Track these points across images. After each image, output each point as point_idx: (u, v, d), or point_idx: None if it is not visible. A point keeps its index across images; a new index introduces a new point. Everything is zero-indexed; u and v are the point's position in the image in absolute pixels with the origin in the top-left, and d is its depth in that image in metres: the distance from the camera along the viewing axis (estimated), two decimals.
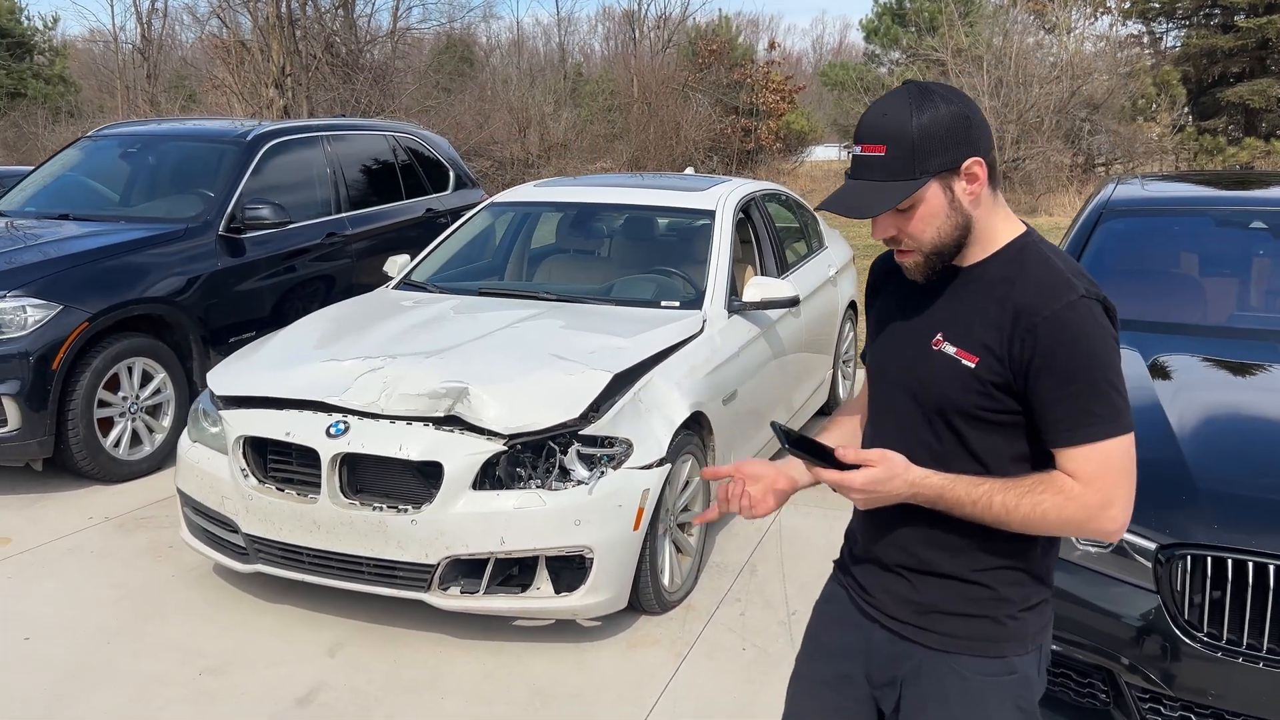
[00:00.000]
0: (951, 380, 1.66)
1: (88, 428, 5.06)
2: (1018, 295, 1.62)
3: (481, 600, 3.51)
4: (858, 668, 1.83)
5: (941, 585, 1.72)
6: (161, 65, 30.04)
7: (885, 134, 1.61)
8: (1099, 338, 1.57)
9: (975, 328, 1.65)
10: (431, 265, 5.32)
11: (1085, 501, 1.57)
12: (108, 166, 6.73)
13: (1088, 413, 1.57)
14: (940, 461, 1.67)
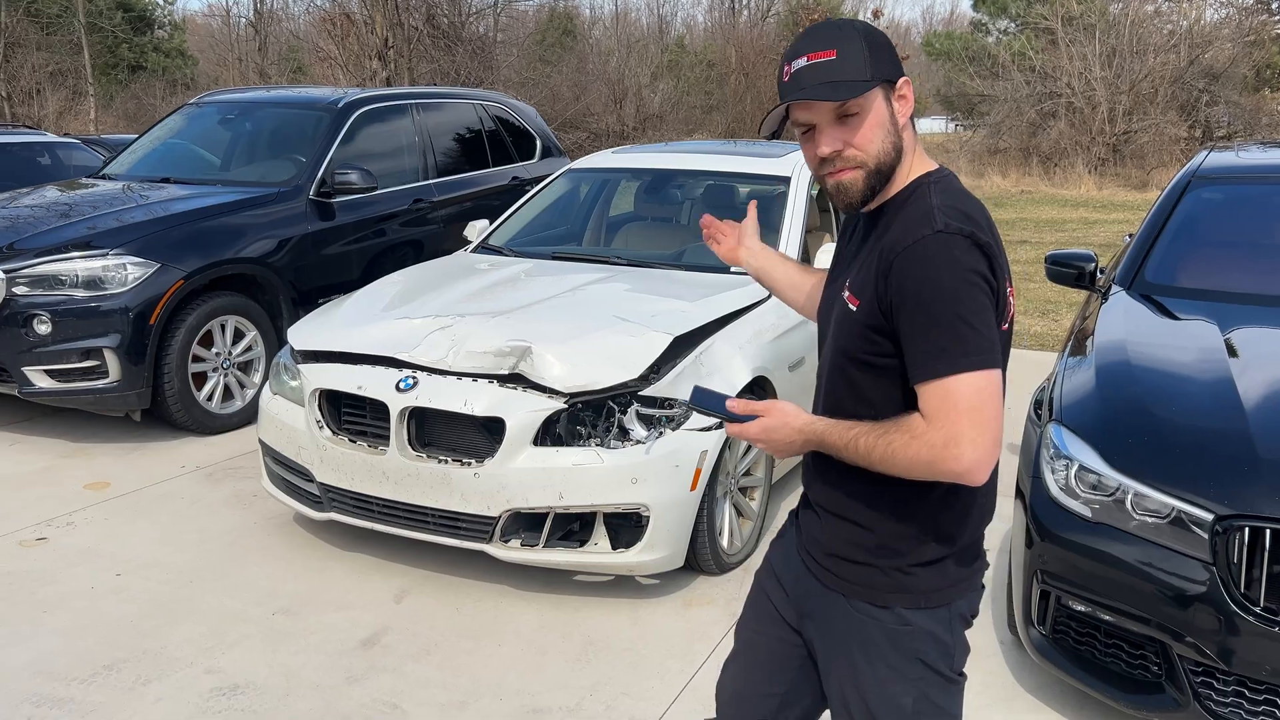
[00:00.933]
0: (843, 325, 1.67)
1: (183, 381, 5.31)
2: (889, 235, 1.61)
3: (540, 553, 3.60)
4: (780, 586, 1.88)
5: (839, 527, 1.74)
6: (272, 38, 30.93)
7: (834, 41, 1.61)
8: (949, 272, 1.52)
9: (862, 271, 1.65)
10: (509, 230, 5.41)
11: (929, 440, 1.53)
12: (208, 132, 7.00)
13: (934, 348, 1.53)
14: (843, 407, 1.68)
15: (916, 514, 1.67)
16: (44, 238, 5.27)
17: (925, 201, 1.61)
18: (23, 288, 5.07)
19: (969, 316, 1.52)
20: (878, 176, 1.64)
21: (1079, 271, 4.17)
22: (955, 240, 1.55)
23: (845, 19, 1.70)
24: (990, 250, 1.56)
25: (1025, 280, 10.23)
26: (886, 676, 1.71)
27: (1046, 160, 20.91)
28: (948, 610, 1.71)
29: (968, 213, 1.59)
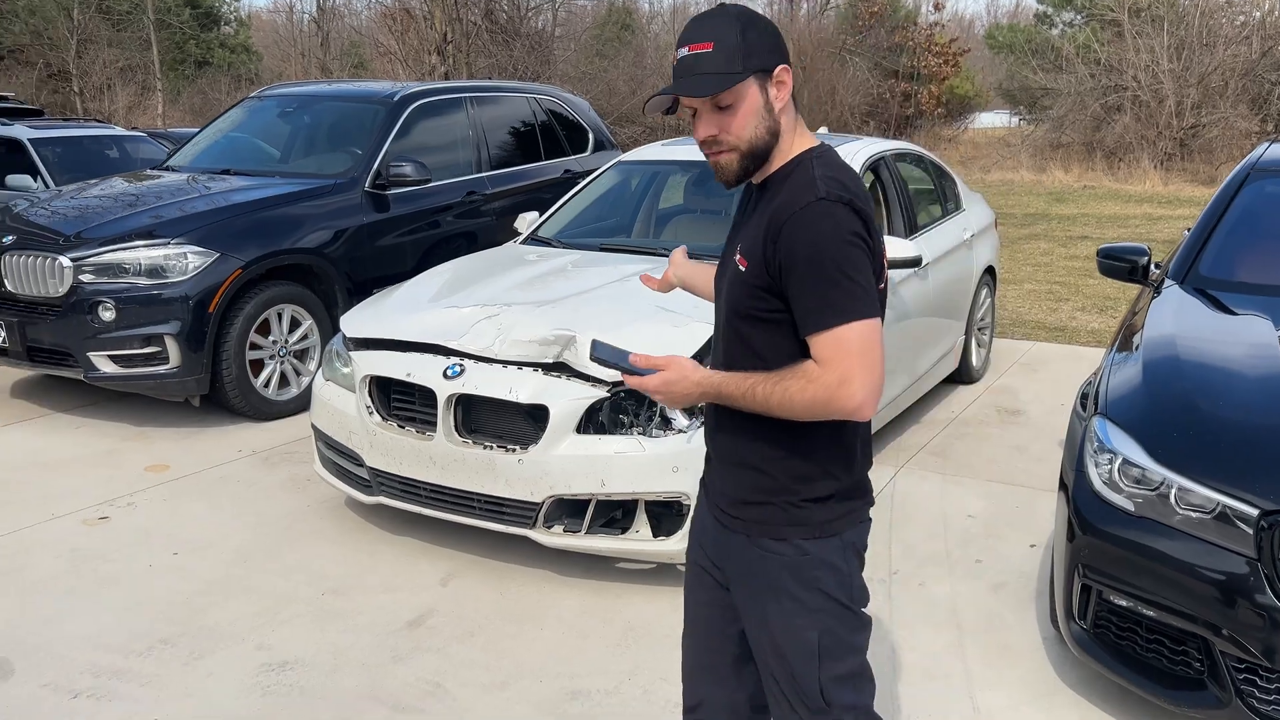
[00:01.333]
0: (735, 285, 1.83)
1: (240, 368, 5.44)
2: (775, 203, 1.77)
3: (583, 539, 3.64)
4: (702, 551, 2.03)
5: (740, 474, 1.90)
6: (334, 34, 31.40)
7: (712, 34, 1.77)
8: (832, 234, 1.69)
9: (752, 236, 1.80)
10: (558, 222, 5.46)
11: (825, 381, 1.69)
12: (268, 125, 7.15)
13: (824, 303, 1.69)
14: (735, 360, 1.85)
15: (806, 456, 1.83)
16: (109, 227, 5.44)
17: (808, 173, 1.76)
18: (89, 275, 5.24)
19: (852, 273, 1.69)
20: (751, 158, 1.81)
21: (1131, 265, 4.11)
22: (836, 206, 1.71)
23: (732, 6, 1.81)
24: (866, 215, 1.73)
25: (1084, 276, 10.07)
26: (791, 609, 1.86)
27: (1111, 155, 20.50)
28: (840, 540, 1.86)
29: (844, 182, 1.75)
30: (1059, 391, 6.28)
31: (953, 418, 5.82)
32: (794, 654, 1.87)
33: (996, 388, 6.44)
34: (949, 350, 5.90)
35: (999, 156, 22.69)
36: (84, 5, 28.16)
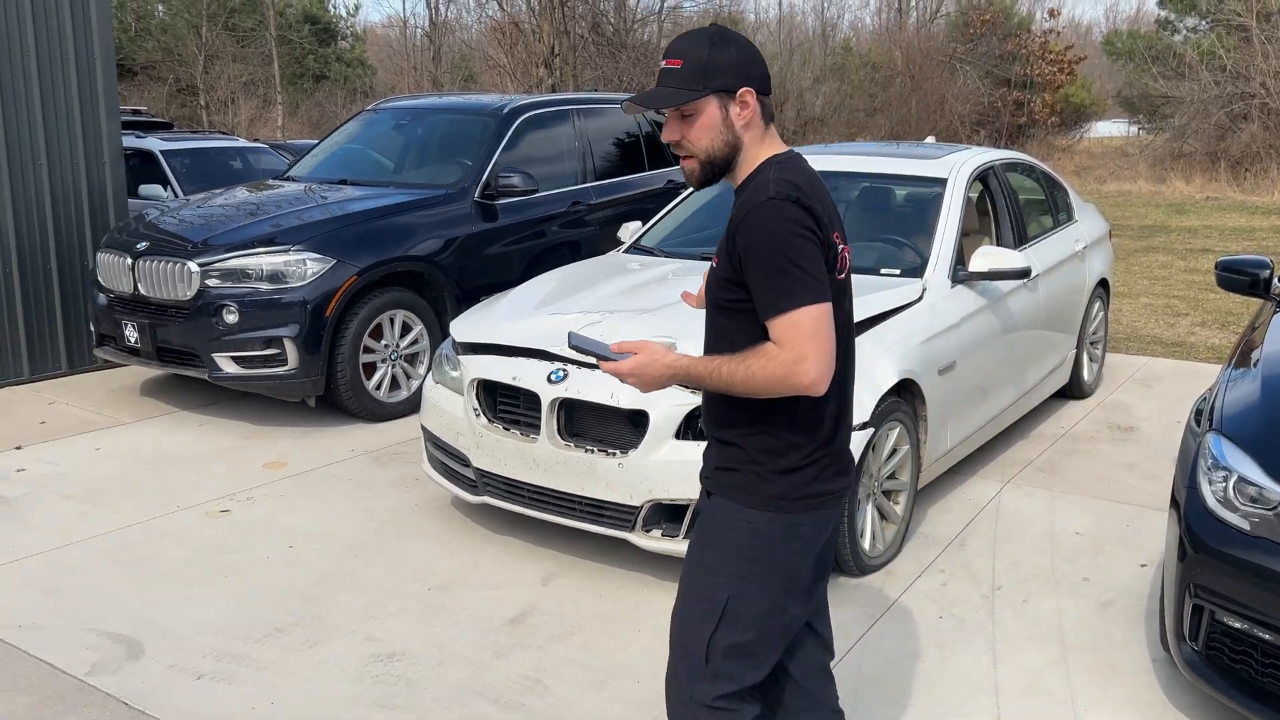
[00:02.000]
0: (711, 280, 2.04)
1: (354, 371, 5.65)
2: (737, 205, 1.97)
3: (680, 544, 3.68)
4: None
5: (721, 448, 2.08)
6: (445, 48, 32.20)
7: (683, 53, 1.97)
8: (781, 229, 1.87)
9: (721, 236, 2.00)
10: (660, 231, 5.52)
11: (782, 359, 1.87)
12: (383, 137, 7.40)
13: (779, 290, 1.87)
14: (713, 344, 2.05)
15: (773, 430, 2.00)
16: (234, 234, 5.71)
17: (764, 177, 1.96)
18: (214, 280, 5.51)
19: (801, 262, 1.87)
20: (710, 167, 2.01)
21: (1252, 279, 3.97)
22: (785, 204, 1.88)
23: (710, 30, 2.00)
24: (814, 209, 1.90)
25: (1204, 290, 9.71)
26: (717, 565, 2.04)
27: (1236, 165, 19.67)
28: (790, 521, 2.01)
29: (797, 184, 1.92)
30: (1174, 408, 6.08)
31: (1062, 433, 5.69)
32: (701, 604, 2.05)
33: (1109, 403, 6.26)
34: (1059, 364, 5.77)
35: (1115, 167, 21.98)
36: (211, 23, 29.51)
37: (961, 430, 4.59)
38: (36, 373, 6.65)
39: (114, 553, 4.10)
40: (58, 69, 6.57)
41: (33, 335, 6.61)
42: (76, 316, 6.80)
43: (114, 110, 6.92)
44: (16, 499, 4.64)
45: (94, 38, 6.72)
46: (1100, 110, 32.04)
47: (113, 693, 3.11)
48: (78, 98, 6.69)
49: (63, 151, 6.66)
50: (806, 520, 2.02)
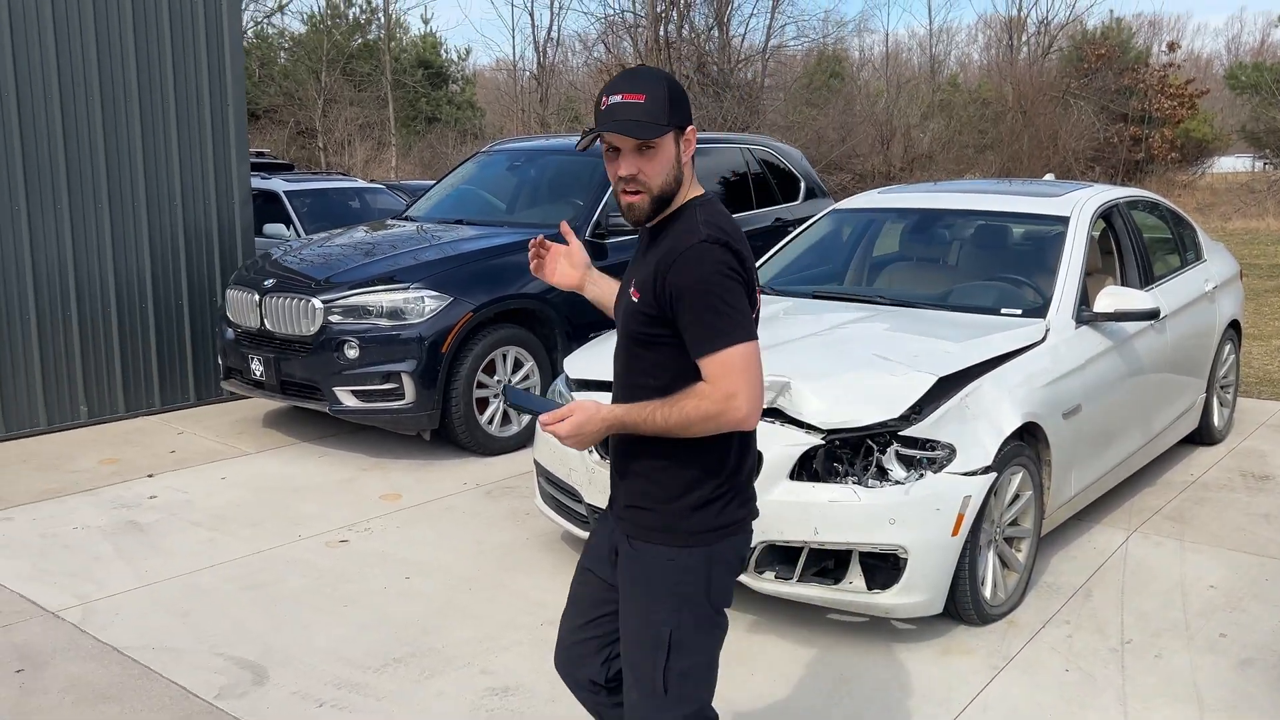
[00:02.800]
0: (630, 314, 2.09)
1: (468, 405, 5.75)
2: (665, 244, 2.03)
3: (795, 587, 3.63)
4: (599, 547, 2.27)
5: (632, 483, 2.14)
6: (552, 90, 32.87)
7: (644, 88, 1.99)
8: (712, 270, 1.95)
9: (645, 272, 2.05)
10: (771, 269, 5.51)
11: (715, 397, 1.95)
12: (497, 178, 7.58)
13: (711, 330, 1.95)
14: (631, 377, 2.12)
15: (686, 464, 2.07)
16: (356, 272, 5.90)
17: (693, 219, 2.02)
18: (337, 316, 5.69)
19: (732, 302, 1.96)
20: (658, 202, 2.04)
21: None
22: (714, 247, 1.96)
23: (657, 70, 2.06)
24: (741, 252, 2.00)
25: None
26: (651, 605, 2.10)
27: None
28: (707, 551, 2.09)
29: (723, 226, 2.01)
30: None
31: (1191, 480, 5.44)
32: (647, 643, 2.11)
33: (1241, 450, 5.98)
34: (1188, 409, 5.54)
35: (1241, 203, 21.13)
36: (330, 69, 30.72)
37: (1086, 476, 4.43)
38: (167, 404, 6.95)
39: (240, 579, 4.23)
40: (194, 114, 6.92)
41: (164, 368, 6.92)
42: (205, 350, 7.10)
43: (244, 153, 7.25)
44: (150, 525, 4.84)
45: (228, 86, 7.07)
46: (1223, 145, 30.88)
47: (240, 716, 3.20)
48: (211, 142, 7.03)
49: (196, 192, 7.00)
50: (724, 548, 2.12)
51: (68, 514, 4.97)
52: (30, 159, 6.21)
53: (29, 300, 6.28)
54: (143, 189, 6.71)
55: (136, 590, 4.12)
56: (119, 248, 6.63)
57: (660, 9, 23.20)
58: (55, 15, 6.24)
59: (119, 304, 6.66)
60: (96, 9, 6.40)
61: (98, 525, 4.83)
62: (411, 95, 34.11)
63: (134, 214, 6.69)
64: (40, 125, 6.24)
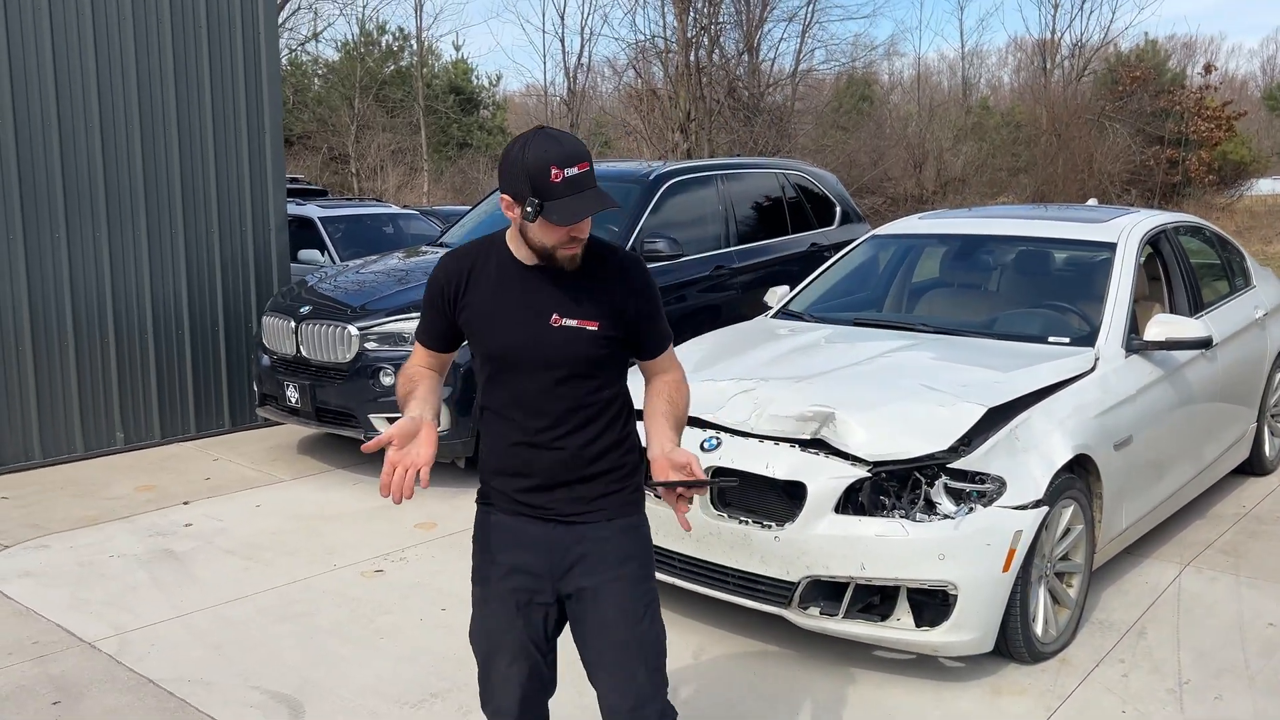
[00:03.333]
0: (583, 342, 2.20)
1: None
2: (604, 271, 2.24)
3: (840, 623, 3.54)
4: (540, 565, 2.28)
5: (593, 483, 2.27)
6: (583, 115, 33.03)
7: (583, 152, 2.11)
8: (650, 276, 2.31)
9: (583, 302, 2.21)
10: (809, 296, 5.44)
11: (680, 376, 2.38)
12: None
13: (663, 327, 2.33)
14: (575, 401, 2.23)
15: (628, 444, 2.32)
16: (391, 299, 5.88)
17: (593, 240, 2.23)
18: (372, 344, 5.67)
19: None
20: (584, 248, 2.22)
21: None
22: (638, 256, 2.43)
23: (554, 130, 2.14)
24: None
25: None
26: (643, 573, 2.30)
27: None
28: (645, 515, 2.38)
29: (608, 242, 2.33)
30: None
31: (1244, 513, 5.30)
32: (645, 611, 2.28)
33: None
34: (1238, 439, 5.40)
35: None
36: (363, 95, 31.05)
37: (1138, 509, 4.31)
38: (202, 430, 6.96)
39: (275, 610, 4.19)
40: (231, 141, 6.97)
41: (200, 394, 6.93)
42: (240, 377, 7.12)
43: (280, 180, 7.29)
44: (185, 553, 4.82)
45: (265, 112, 7.11)
46: (1262, 168, 30.50)
47: None
48: (248, 168, 7.07)
49: (232, 218, 7.03)
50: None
51: (104, 542, 4.96)
52: (70, 186, 6.27)
53: (68, 327, 6.31)
54: (180, 215, 6.75)
55: (172, 620, 4.09)
56: (156, 274, 6.67)
57: (691, 34, 23.27)
58: (97, 43, 6.30)
59: (155, 330, 6.69)
60: (137, 37, 6.47)
61: (134, 553, 4.81)
62: (443, 121, 34.39)
63: (171, 240, 6.73)
64: (80, 153, 6.30)
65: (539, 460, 2.25)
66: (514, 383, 2.22)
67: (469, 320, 2.25)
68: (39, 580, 4.50)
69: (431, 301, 2.29)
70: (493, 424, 2.30)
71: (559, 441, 2.23)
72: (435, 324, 2.31)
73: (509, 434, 2.25)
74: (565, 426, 2.22)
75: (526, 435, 2.23)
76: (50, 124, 6.16)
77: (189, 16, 6.69)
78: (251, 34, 7.02)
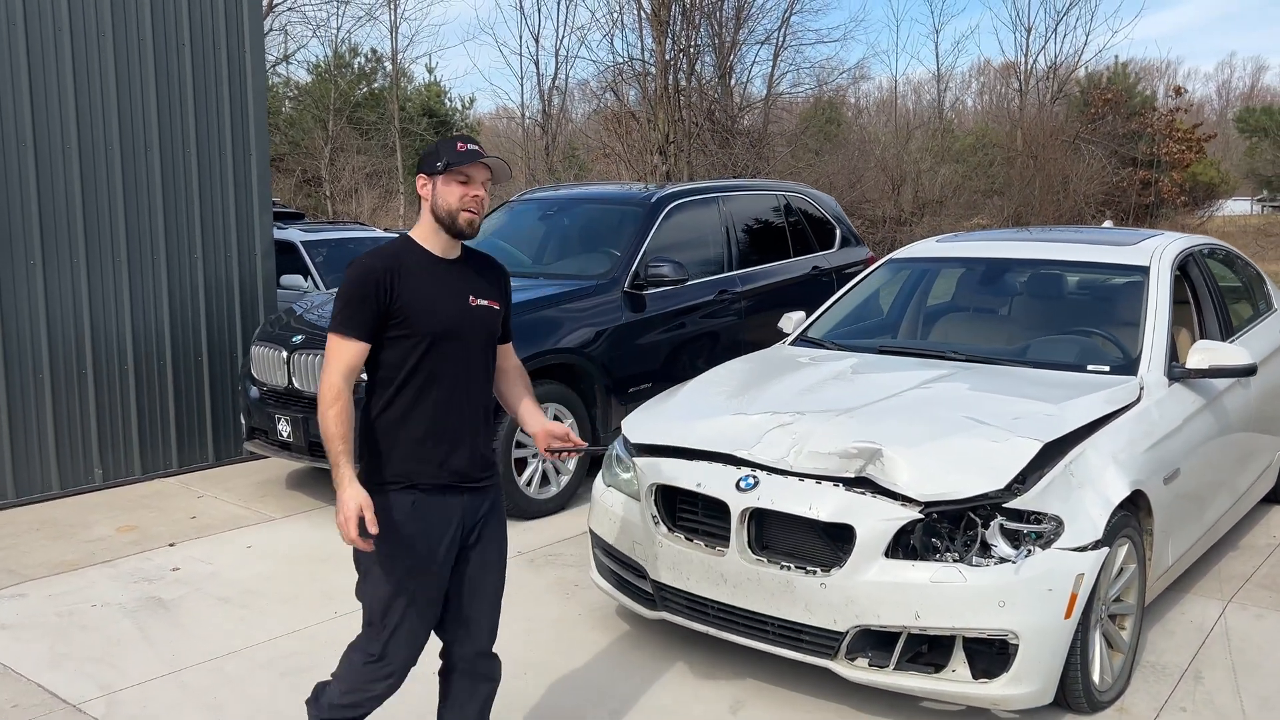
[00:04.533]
0: (491, 319, 2.79)
1: (506, 466, 5.45)
2: (485, 265, 2.85)
3: (891, 676, 3.31)
4: (452, 534, 2.70)
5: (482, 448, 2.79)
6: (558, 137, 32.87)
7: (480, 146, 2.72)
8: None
9: (486, 286, 2.79)
10: (827, 322, 5.23)
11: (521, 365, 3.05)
12: (529, 228, 7.32)
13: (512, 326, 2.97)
14: (488, 371, 2.81)
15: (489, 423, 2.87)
16: None
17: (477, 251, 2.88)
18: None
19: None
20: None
21: None
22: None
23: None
24: None
25: None
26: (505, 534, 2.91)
27: None
28: None
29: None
30: None
31: (1275, 543, 5.14)
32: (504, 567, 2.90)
33: None
34: (1266, 467, 5.24)
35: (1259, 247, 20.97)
36: (337, 117, 30.73)
37: (1182, 544, 4.13)
38: (184, 465, 6.64)
39: (275, 664, 3.90)
40: (215, 164, 6.69)
41: (183, 427, 6.62)
42: (225, 409, 6.81)
43: (266, 204, 7.01)
44: (173, 601, 4.51)
45: (250, 135, 6.84)
46: (1229, 188, 30.87)
47: None
48: (233, 192, 6.79)
49: (217, 244, 6.74)
50: None
51: (85, 589, 4.65)
52: (47, 213, 5.96)
53: (43, 358, 5.99)
54: (162, 241, 6.46)
55: (164, 678, 3.79)
56: (137, 302, 6.37)
57: (669, 57, 23.17)
58: (75, 63, 6.02)
59: (136, 360, 6.38)
60: (118, 57, 6.19)
61: (118, 602, 4.50)
62: (417, 144, 34.09)
63: (153, 267, 6.43)
64: (58, 177, 6.00)
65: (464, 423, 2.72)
66: (450, 353, 2.67)
67: (407, 304, 2.62)
68: (15, 634, 4.19)
69: (364, 296, 2.59)
70: (417, 404, 2.65)
71: (476, 399, 2.75)
72: (368, 316, 2.60)
73: (435, 399, 2.66)
74: (479, 386, 2.76)
75: (456, 397, 2.69)
76: (26, 146, 5.86)
77: (171, 33, 6.42)
78: (237, 53, 6.76)
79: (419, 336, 2.62)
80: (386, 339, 2.63)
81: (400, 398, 2.65)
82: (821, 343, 5.01)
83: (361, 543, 2.47)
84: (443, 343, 2.65)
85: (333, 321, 2.62)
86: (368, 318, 2.59)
